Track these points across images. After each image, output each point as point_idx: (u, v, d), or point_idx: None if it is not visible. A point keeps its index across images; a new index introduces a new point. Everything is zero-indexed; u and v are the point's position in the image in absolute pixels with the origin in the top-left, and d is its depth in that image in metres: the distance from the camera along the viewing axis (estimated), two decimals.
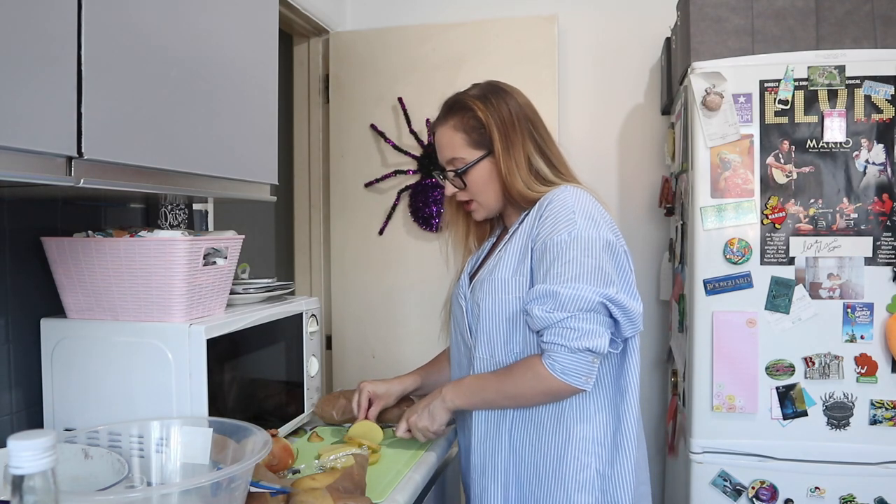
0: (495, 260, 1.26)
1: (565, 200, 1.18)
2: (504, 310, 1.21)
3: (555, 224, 1.15)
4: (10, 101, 0.72)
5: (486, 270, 1.27)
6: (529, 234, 1.21)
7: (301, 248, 2.64)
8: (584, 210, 1.16)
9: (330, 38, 2.53)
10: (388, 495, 1.12)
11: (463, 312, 1.32)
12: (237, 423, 1.00)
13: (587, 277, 1.11)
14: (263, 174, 1.27)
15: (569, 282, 1.11)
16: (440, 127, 1.31)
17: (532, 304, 1.14)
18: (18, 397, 1.20)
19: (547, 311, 1.11)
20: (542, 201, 1.22)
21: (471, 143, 1.26)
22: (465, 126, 1.26)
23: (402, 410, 1.45)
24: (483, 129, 1.25)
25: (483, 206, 1.31)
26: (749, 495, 1.74)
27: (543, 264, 1.15)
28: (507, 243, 1.26)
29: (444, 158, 1.31)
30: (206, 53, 1.08)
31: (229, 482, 0.83)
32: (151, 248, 1.12)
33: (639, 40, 2.41)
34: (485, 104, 1.26)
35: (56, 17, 0.78)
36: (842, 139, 1.69)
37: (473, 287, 1.29)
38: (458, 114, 1.28)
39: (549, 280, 1.13)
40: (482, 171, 1.27)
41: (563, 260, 1.12)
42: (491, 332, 1.23)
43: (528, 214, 1.25)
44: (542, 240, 1.16)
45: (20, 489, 0.54)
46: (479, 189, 1.28)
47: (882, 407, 1.68)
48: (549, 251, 1.14)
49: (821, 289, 1.70)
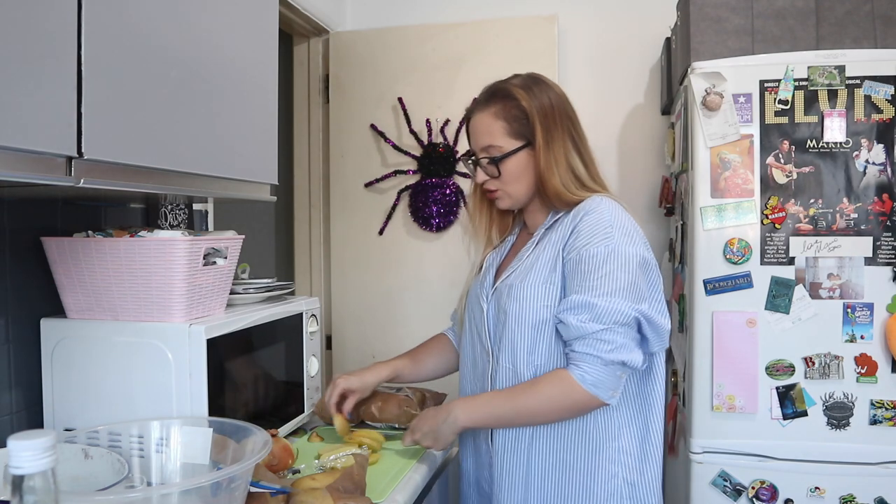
0: (523, 265, 1.24)
1: (602, 213, 1.17)
2: (532, 318, 1.18)
3: (591, 236, 1.14)
4: (10, 101, 0.72)
5: (513, 275, 1.24)
6: (562, 244, 1.19)
7: (301, 248, 2.64)
8: (622, 225, 1.16)
9: (330, 38, 2.53)
10: (388, 495, 1.12)
11: (483, 315, 1.28)
12: (237, 423, 1.00)
13: (623, 292, 1.11)
14: (263, 174, 1.27)
15: (605, 295, 1.11)
16: (479, 113, 1.27)
17: (566, 314, 1.13)
18: (18, 397, 1.20)
19: (582, 322, 1.10)
20: (577, 211, 1.20)
21: (510, 133, 1.23)
22: (507, 115, 1.23)
23: (402, 411, 1.44)
24: (525, 120, 1.23)
25: (511, 197, 1.28)
26: (749, 495, 1.74)
27: (578, 275, 1.14)
28: (535, 248, 1.25)
29: (478, 145, 1.27)
30: (206, 53, 1.08)
31: (229, 482, 0.83)
32: (151, 248, 1.12)
33: (639, 40, 2.41)
34: (528, 94, 1.23)
35: (56, 17, 0.78)
36: (842, 139, 1.69)
37: (498, 291, 1.26)
38: (500, 101, 1.24)
39: (584, 291, 1.12)
40: (518, 162, 1.24)
41: (600, 273, 1.12)
42: (516, 340, 1.20)
43: (560, 221, 1.23)
44: (578, 251, 1.15)
45: (20, 489, 0.54)
46: (512, 179, 1.25)
47: (882, 407, 1.68)
48: (585, 263, 1.13)
49: (821, 289, 1.70)
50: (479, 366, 1.30)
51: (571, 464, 1.18)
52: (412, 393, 1.50)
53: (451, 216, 2.40)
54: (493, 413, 1.19)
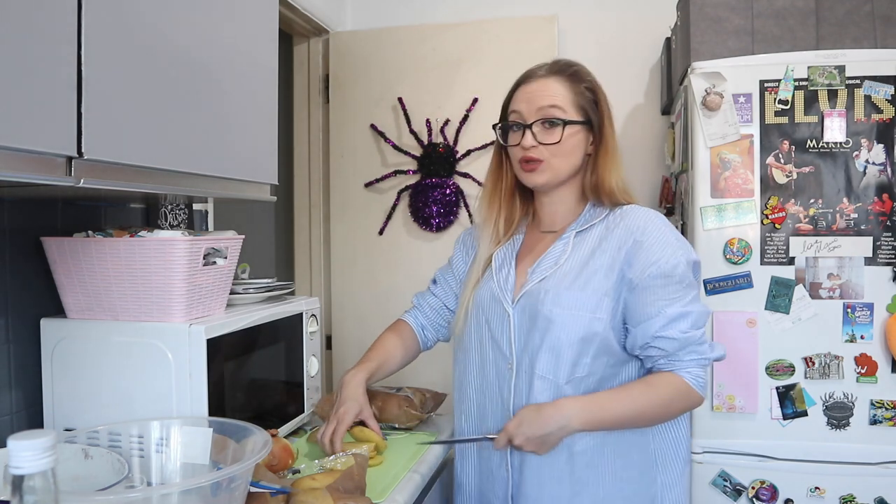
0: (563, 269, 1.17)
1: (662, 226, 1.17)
2: (582, 329, 1.13)
3: (663, 250, 1.13)
4: (10, 101, 0.72)
5: (551, 279, 1.17)
6: (620, 257, 1.14)
7: (301, 248, 2.64)
8: (678, 234, 1.18)
9: (330, 38, 2.53)
10: (388, 495, 1.12)
11: (509, 319, 1.20)
12: (237, 423, 1.00)
13: (698, 297, 1.17)
14: (263, 174, 1.27)
15: (693, 301, 1.14)
16: (547, 77, 1.21)
17: (668, 329, 1.11)
18: (18, 397, 1.20)
19: (684, 332, 1.11)
20: (628, 223, 1.17)
21: (575, 104, 1.19)
22: (576, 88, 1.20)
23: (402, 411, 1.44)
24: (594, 102, 1.21)
25: (553, 170, 1.20)
26: (749, 495, 1.74)
27: (664, 289, 1.12)
28: (572, 251, 1.19)
29: (535, 106, 1.19)
30: (206, 53, 1.08)
31: (229, 482, 0.83)
32: (151, 248, 1.12)
33: (639, 40, 2.41)
34: (591, 77, 1.24)
35: (56, 17, 0.78)
36: (842, 139, 1.69)
37: (531, 294, 1.18)
38: (570, 76, 1.21)
39: (676, 302, 1.12)
40: (577, 136, 1.20)
41: (685, 282, 1.14)
42: (560, 351, 1.14)
43: (598, 226, 1.20)
44: (657, 265, 1.12)
45: (20, 489, 0.54)
46: (566, 151, 1.19)
47: (882, 407, 1.68)
48: (669, 276, 1.12)
49: (821, 289, 1.70)
50: (491, 372, 1.23)
51: (621, 472, 1.16)
52: (412, 393, 1.50)
53: (451, 216, 2.40)
54: (613, 416, 1.12)
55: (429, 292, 1.46)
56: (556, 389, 1.14)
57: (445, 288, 1.43)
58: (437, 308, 1.44)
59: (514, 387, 1.18)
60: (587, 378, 1.14)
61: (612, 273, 1.14)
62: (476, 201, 1.38)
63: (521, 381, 1.18)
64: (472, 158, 2.38)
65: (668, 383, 1.13)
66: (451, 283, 1.42)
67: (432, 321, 1.44)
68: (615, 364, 1.16)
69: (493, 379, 1.23)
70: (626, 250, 1.14)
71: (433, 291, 1.45)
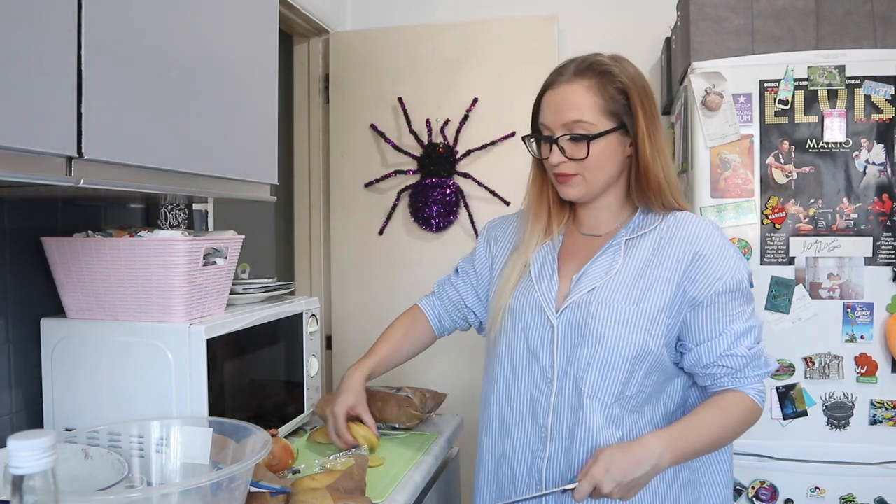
0: (615, 281, 1.09)
1: (720, 238, 1.11)
2: (636, 346, 1.06)
3: (726, 264, 1.08)
4: (10, 101, 0.72)
5: (602, 290, 1.09)
6: (679, 269, 1.08)
7: (301, 248, 2.64)
8: (734, 246, 1.14)
9: (330, 38, 2.53)
10: (388, 495, 1.12)
11: (553, 331, 1.11)
12: (237, 423, 1.00)
13: (755, 310, 1.14)
14: (263, 174, 1.27)
15: (753, 315, 1.11)
16: (568, 84, 1.10)
17: (735, 346, 1.07)
18: (18, 397, 1.20)
19: (749, 348, 1.08)
20: (687, 232, 1.10)
21: (605, 111, 1.08)
22: (603, 91, 1.08)
23: (402, 411, 1.44)
24: (625, 101, 1.09)
25: (589, 184, 1.11)
26: (749, 495, 1.73)
27: (728, 305, 1.08)
28: (625, 260, 1.11)
29: (560, 120, 1.09)
30: (206, 53, 1.08)
31: (229, 482, 0.83)
32: (151, 248, 1.12)
33: (639, 40, 2.40)
34: (624, 73, 1.10)
35: (56, 17, 0.78)
36: (842, 139, 1.69)
37: (578, 305, 1.10)
38: (595, 76, 1.09)
39: (740, 318, 1.09)
40: (608, 145, 1.09)
41: (746, 297, 1.10)
42: (612, 368, 1.07)
43: (652, 234, 1.12)
44: (723, 281, 1.07)
45: (20, 489, 0.54)
46: (598, 164, 1.09)
47: (882, 407, 1.68)
48: (733, 291, 1.08)
49: (821, 289, 1.70)
50: (522, 386, 1.15)
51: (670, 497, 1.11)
52: (412, 393, 1.50)
53: (451, 216, 2.40)
54: (695, 447, 1.04)
55: (450, 283, 1.38)
56: (606, 410, 1.07)
57: (466, 282, 1.35)
58: (456, 302, 1.36)
59: (554, 404, 1.10)
60: (635, 397, 1.08)
61: (670, 287, 1.08)
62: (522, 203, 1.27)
63: (562, 399, 1.09)
64: (473, 158, 2.38)
65: (739, 402, 1.08)
66: (472, 278, 1.34)
67: (450, 313, 1.38)
68: (664, 381, 1.11)
69: (524, 393, 1.14)
70: (687, 264, 1.08)
71: (454, 283, 1.37)
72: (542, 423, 1.12)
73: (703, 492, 1.15)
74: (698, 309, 1.08)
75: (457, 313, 1.37)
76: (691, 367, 1.10)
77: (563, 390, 1.10)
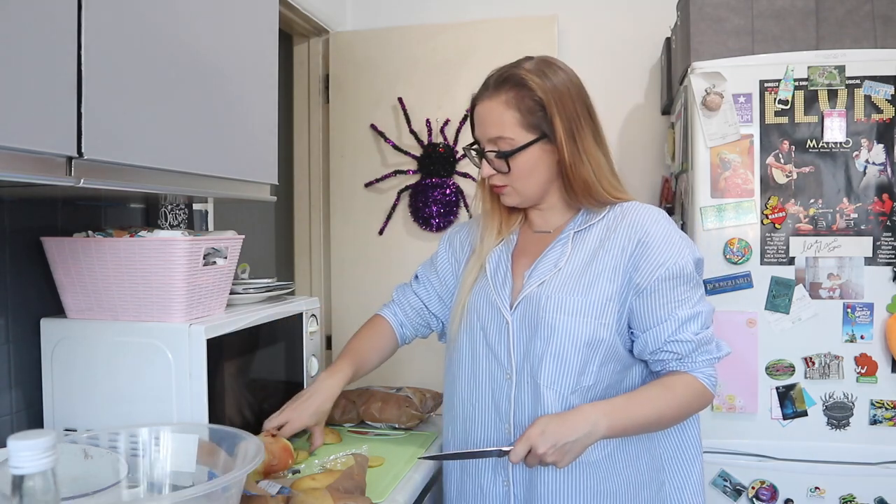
0: (564, 274, 1.12)
1: (664, 223, 1.12)
2: (587, 336, 1.08)
3: (669, 250, 1.09)
4: (10, 101, 0.71)
5: (550, 284, 1.11)
6: (623, 258, 1.10)
7: (301, 248, 2.64)
8: (681, 232, 1.14)
9: (330, 38, 2.53)
10: (388, 495, 1.12)
11: (508, 327, 1.14)
12: (227, 430, 0.99)
13: (704, 295, 1.14)
14: (263, 174, 1.27)
15: (701, 301, 1.12)
16: (487, 101, 1.14)
17: (680, 332, 1.08)
18: (18, 397, 1.20)
19: (695, 333, 1.09)
20: (630, 221, 1.12)
21: (523, 124, 1.10)
22: (520, 104, 1.10)
23: (402, 411, 1.44)
24: (542, 111, 1.10)
25: (520, 194, 1.15)
26: (749, 495, 1.73)
27: (674, 290, 1.09)
28: (571, 254, 1.13)
29: (485, 136, 1.14)
30: (206, 53, 1.08)
31: (222, 491, 0.83)
32: (151, 248, 1.12)
33: (639, 40, 2.41)
34: (543, 81, 1.10)
35: (56, 17, 0.78)
36: (842, 139, 1.69)
37: (530, 300, 1.12)
38: (511, 89, 1.11)
39: (685, 304, 1.09)
40: (531, 156, 1.12)
41: (693, 282, 1.11)
42: (565, 359, 1.09)
43: (597, 225, 1.14)
44: (666, 267, 1.08)
45: (20, 489, 0.54)
46: (523, 175, 1.13)
47: (882, 407, 1.68)
48: (678, 277, 1.09)
49: (821, 289, 1.70)
50: (484, 382, 1.17)
51: (634, 482, 1.13)
52: (412, 393, 1.50)
53: (451, 216, 2.40)
54: (635, 420, 1.06)
55: (410, 289, 1.41)
56: (564, 400, 1.08)
57: (428, 287, 1.37)
58: (417, 308, 1.38)
59: (514, 398, 1.12)
60: (594, 387, 1.10)
61: (617, 276, 1.10)
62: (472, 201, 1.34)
63: (522, 393, 1.12)
64: None
65: (685, 384, 1.09)
66: (435, 283, 1.36)
67: (412, 320, 1.39)
68: (621, 370, 1.12)
69: (485, 389, 1.16)
70: (630, 252, 1.10)
71: (415, 290, 1.39)
72: (505, 418, 1.14)
73: (666, 476, 1.17)
74: (643, 296, 1.09)
75: (418, 320, 1.39)
76: (640, 354, 1.12)
77: (522, 384, 1.12)
